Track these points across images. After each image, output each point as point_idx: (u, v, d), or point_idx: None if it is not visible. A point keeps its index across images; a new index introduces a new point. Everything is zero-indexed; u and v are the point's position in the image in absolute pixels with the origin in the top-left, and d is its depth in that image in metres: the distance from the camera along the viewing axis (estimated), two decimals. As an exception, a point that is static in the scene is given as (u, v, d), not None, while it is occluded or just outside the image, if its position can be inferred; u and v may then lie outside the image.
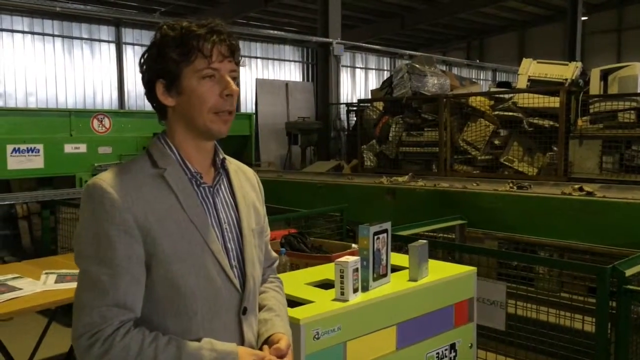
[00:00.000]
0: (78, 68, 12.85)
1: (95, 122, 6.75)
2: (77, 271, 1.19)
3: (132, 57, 13.23)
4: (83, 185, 6.59)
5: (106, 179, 1.30)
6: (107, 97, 13.18)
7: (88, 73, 12.96)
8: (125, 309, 1.26)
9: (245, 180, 1.54)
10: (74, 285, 3.04)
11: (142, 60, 1.38)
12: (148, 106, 1.44)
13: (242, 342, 1.40)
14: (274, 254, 1.71)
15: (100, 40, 13.08)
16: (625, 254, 3.44)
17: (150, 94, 1.38)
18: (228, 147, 1.42)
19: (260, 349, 1.43)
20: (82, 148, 6.56)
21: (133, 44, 13.34)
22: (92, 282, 1.26)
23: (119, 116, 7.23)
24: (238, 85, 1.41)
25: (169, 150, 1.38)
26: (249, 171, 1.59)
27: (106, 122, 6.82)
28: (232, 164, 1.53)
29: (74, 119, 6.59)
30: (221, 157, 1.46)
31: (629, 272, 2.72)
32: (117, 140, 6.87)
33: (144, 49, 1.39)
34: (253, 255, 1.46)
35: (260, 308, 1.53)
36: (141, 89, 1.39)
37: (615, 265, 2.71)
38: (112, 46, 13.22)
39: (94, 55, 13.04)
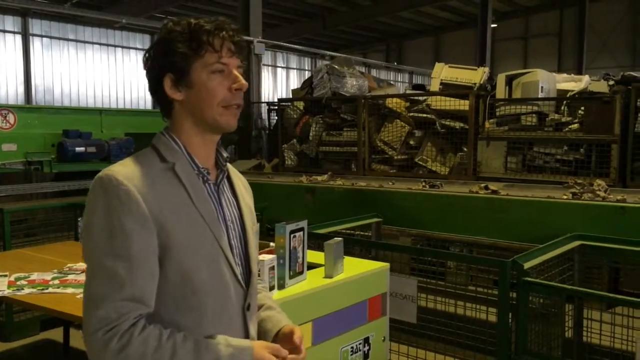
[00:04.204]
0: (-21, 59, 11.99)
1: (-1, 118, 6.35)
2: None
3: (40, 50, 12.41)
4: (-15, 184, 6.20)
5: (119, 171, 1.28)
6: (12, 92, 12.33)
7: (-10, 65, 12.12)
8: (141, 303, 1.24)
9: (240, 182, 1.56)
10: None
11: (147, 57, 1.37)
12: (57, 101, 1.41)
13: (246, 337, 1.41)
14: None
15: (4, 31, 12.24)
16: (525, 248, 3.67)
17: (156, 89, 1.38)
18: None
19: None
20: (-16, 145, 6.17)
21: (41, 36, 12.55)
22: (107, 275, 1.22)
23: (25, 111, 6.85)
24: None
25: (176, 145, 1.37)
26: (240, 174, 1.61)
27: (11, 117, 6.44)
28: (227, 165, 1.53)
29: (-26, 114, 6.19)
30: (225, 155, 1.47)
31: (527, 265, 2.92)
32: (23, 137, 6.50)
33: (54, 41, 1.36)
34: (255, 254, 1.50)
35: (257, 308, 1.55)
36: (50, 83, 1.36)
37: (515, 259, 2.91)
38: (18, 37, 12.40)
39: (-3, 46, 12.21)
